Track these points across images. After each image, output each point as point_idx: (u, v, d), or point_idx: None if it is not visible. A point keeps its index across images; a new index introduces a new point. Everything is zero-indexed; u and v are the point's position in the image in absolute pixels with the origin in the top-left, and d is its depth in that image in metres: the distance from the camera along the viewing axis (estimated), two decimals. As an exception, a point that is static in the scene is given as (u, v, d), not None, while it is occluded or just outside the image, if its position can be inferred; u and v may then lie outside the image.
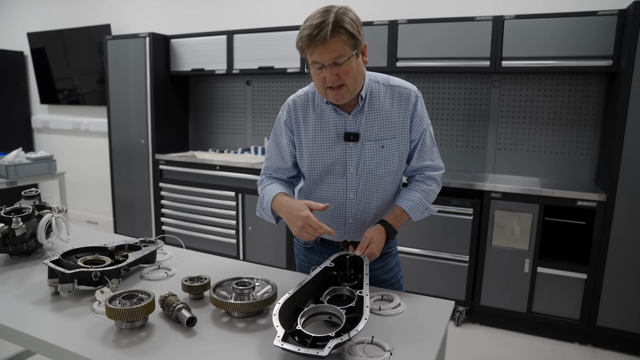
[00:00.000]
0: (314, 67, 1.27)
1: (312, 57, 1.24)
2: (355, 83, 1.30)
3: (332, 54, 1.21)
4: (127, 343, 1.05)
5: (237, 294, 1.19)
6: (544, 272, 2.68)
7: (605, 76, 2.87)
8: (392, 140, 1.37)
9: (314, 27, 1.20)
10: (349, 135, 1.37)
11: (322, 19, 1.20)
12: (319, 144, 1.40)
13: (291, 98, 1.45)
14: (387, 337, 1.07)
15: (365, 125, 1.37)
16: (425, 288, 2.96)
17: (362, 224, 1.43)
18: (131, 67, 3.97)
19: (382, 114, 1.37)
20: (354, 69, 1.26)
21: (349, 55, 1.23)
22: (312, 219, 1.23)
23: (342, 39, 1.21)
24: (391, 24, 3.07)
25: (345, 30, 1.21)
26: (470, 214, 2.79)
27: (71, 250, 1.45)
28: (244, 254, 3.65)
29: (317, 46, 1.20)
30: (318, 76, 1.27)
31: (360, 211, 1.42)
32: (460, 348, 2.65)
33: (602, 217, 2.52)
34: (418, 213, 1.41)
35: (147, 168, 4.03)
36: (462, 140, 3.31)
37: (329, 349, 0.90)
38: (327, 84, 1.26)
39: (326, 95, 1.31)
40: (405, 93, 1.39)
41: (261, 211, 1.46)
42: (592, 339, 2.67)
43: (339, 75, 1.24)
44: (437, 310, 1.26)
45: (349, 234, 1.45)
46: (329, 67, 1.23)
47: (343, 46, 1.21)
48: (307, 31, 1.21)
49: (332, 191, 1.42)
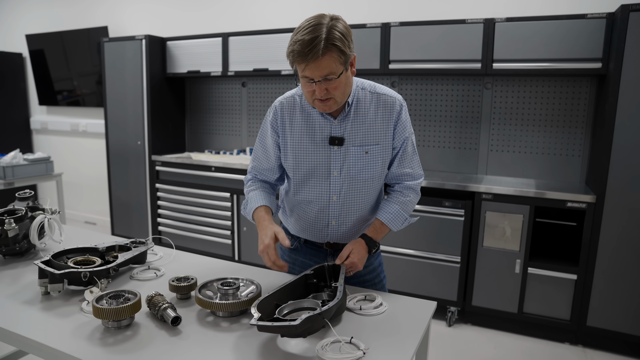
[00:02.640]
0: (303, 81, 1.29)
1: (303, 72, 1.26)
2: (344, 96, 1.33)
3: (323, 72, 1.23)
4: (113, 342, 1.08)
5: (222, 294, 1.22)
6: (535, 272, 2.70)
7: (595, 78, 2.89)
8: (375, 146, 1.40)
9: (305, 44, 1.19)
10: (334, 139, 1.39)
11: (314, 35, 1.20)
12: (304, 147, 1.42)
13: (278, 100, 1.47)
14: (366, 337, 1.10)
15: (350, 130, 1.40)
16: (416, 288, 2.98)
17: (344, 227, 1.46)
18: (128, 69, 4.00)
19: (367, 121, 1.40)
20: (343, 83, 1.29)
21: (339, 72, 1.25)
22: (270, 251, 1.32)
23: (333, 57, 1.22)
24: (384, 27, 3.10)
25: (337, 48, 1.21)
26: (461, 215, 2.82)
27: (62, 250, 1.47)
28: (238, 254, 3.68)
29: (308, 64, 1.22)
30: (307, 89, 1.30)
31: (343, 214, 1.45)
32: (451, 348, 2.68)
33: (591, 218, 2.55)
34: (397, 224, 1.45)
35: (143, 169, 4.06)
36: (455, 142, 3.34)
37: (300, 319, 0.96)
38: (315, 97, 1.30)
39: (314, 105, 1.34)
40: (390, 101, 1.41)
41: (244, 211, 1.52)
42: (582, 339, 2.69)
43: (328, 90, 1.27)
44: (418, 310, 1.28)
45: (332, 236, 1.48)
46: (318, 82, 1.25)
47: (334, 64, 1.23)
48: (298, 47, 1.21)
49: (315, 193, 1.45)
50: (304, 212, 1.48)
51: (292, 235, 1.57)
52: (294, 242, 1.57)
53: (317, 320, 1.00)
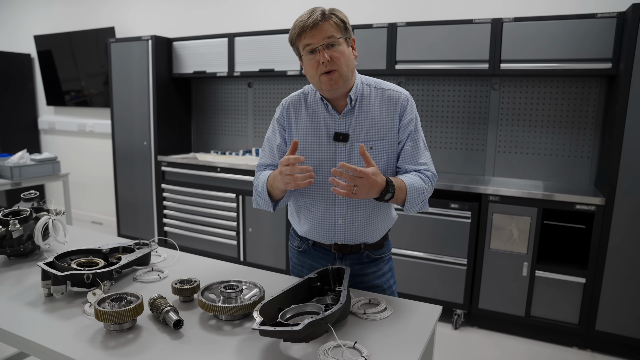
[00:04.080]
0: (306, 54, 1.33)
1: (304, 41, 1.31)
2: (348, 69, 1.34)
3: (324, 34, 1.28)
4: (114, 345, 1.07)
5: (225, 297, 1.21)
6: (543, 275, 2.67)
7: (605, 79, 2.85)
8: (380, 142, 1.39)
9: (306, 16, 1.30)
10: (338, 135, 1.40)
11: (313, 10, 1.31)
12: (309, 143, 1.43)
13: (285, 99, 1.51)
14: (370, 342, 1.08)
15: (355, 126, 1.40)
16: (423, 291, 2.96)
17: (351, 225, 1.44)
18: (134, 69, 4.02)
19: (370, 116, 1.39)
20: (346, 54, 1.33)
21: (340, 37, 1.31)
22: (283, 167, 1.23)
23: (332, 23, 1.30)
24: (390, 27, 3.07)
25: (335, 16, 1.31)
26: (468, 217, 2.79)
27: (66, 252, 1.47)
28: (244, 255, 3.67)
29: (309, 30, 1.28)
30: (311, 62, 1.32)
31: (350, 212, 1.43)
32: (458, 351, 2.65)
33: (601, 221, 2.51)
34: (414, 196, 1.33)
35: (149, 169, 4.07)
36: (462, 143, 3.30)
37: (303, 324, 0.94)
38: (320, 69, 1.31)
39: (320, 83, 1.34)
40: (395, 96, 1.41)
41: (257, 198, 1.46)
42: (590, 344, 2.65)
43: (332, 59, 1.29)
44: (424, 314, 1.26)
45: (339, 236, 1.46)
46: (321, 48, 1.29)
47: (334, 28, 1.30)
48: (298, 22, 1.31)
49: (321, 190, 1.44)
50: (310, 211, 1.47)
51: (300, 238, 1.56)
52: (302, 244, 1.55)
53: (319, 325, 0.98)
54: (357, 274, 1.49)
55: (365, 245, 1.47)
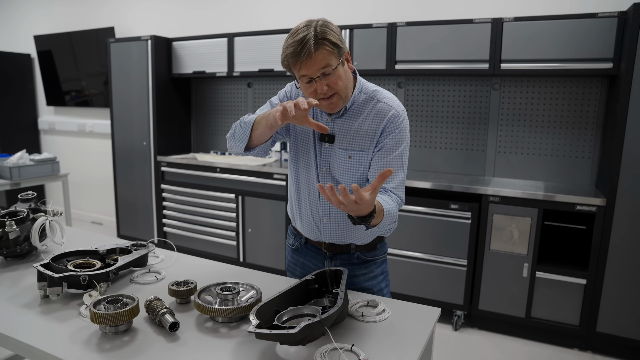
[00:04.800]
0: (303, 82, 1.29)
1: (300, 72, 1.26)
2: (347, 89, 1.33)
3: (319, 65, 1.24)
4: (109, 347, 1.06)
5: (222, 299, 1.20)
6: (543, 276, 2.66)
7: (606, 79, 2.84)
8: (360, 153, 1.38)
9: (297, 44, 1.21)
10: (324, 136, 1.40)
11: (303, 35, 1.22)
12: (300, 137, 1.45)
13: (290, 84, 1.50)
14: (367, 344, 1.07)
15: (340, 130, 1.39)
16: (422, 292, 2.95)
17: (336, 225, 1.43)
18: (134, 69, 4.01)
19: (357, 124, 1.38)
20: (343, 77, 1.30)
21: (335, 64, 1.26)
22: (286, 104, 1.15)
23: (326, 50, 1.23)
24: (390, 27, 3.06)
25: (329, 41, 1.23)
26: (468, 217, 2.77)
27: (63, 253, 1.46)
28: (243, 255, 3.66)
29: (303, 61, 1.22)
30: (309, 90, 1.29)
31: (334, 211, 1.42)
32: (458, 353, 2.64)
33: (601, 222, 2.50)
34: (386, 223, 1.26)
35: (149, 170, 4.07)
36: (462, 143, 3.29)
37: (299, 327, 0.93)
38: (318, 96, 1.29)
39: (320, 106, 1.32)
40: (384, 110, 1.36)
41: (237, 128, 1.37)
42: (591, 345, 2.64)
43: (330, 85, 1.27)
44: (422, 316, 1.25)
45: (326, 235, 1.46)
46: (318, 79, 1.26)
47: (329, 56, 1.24)
48: (290, 49, 1.23)
49: (308, 187, 1.46)
50: (301, 208, 1.49)
51: (295, 235, 1.59)
52: (296, 242, 1.58)
53: (316, 328, 0.97)
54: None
55: (355, 246, 1.47)
